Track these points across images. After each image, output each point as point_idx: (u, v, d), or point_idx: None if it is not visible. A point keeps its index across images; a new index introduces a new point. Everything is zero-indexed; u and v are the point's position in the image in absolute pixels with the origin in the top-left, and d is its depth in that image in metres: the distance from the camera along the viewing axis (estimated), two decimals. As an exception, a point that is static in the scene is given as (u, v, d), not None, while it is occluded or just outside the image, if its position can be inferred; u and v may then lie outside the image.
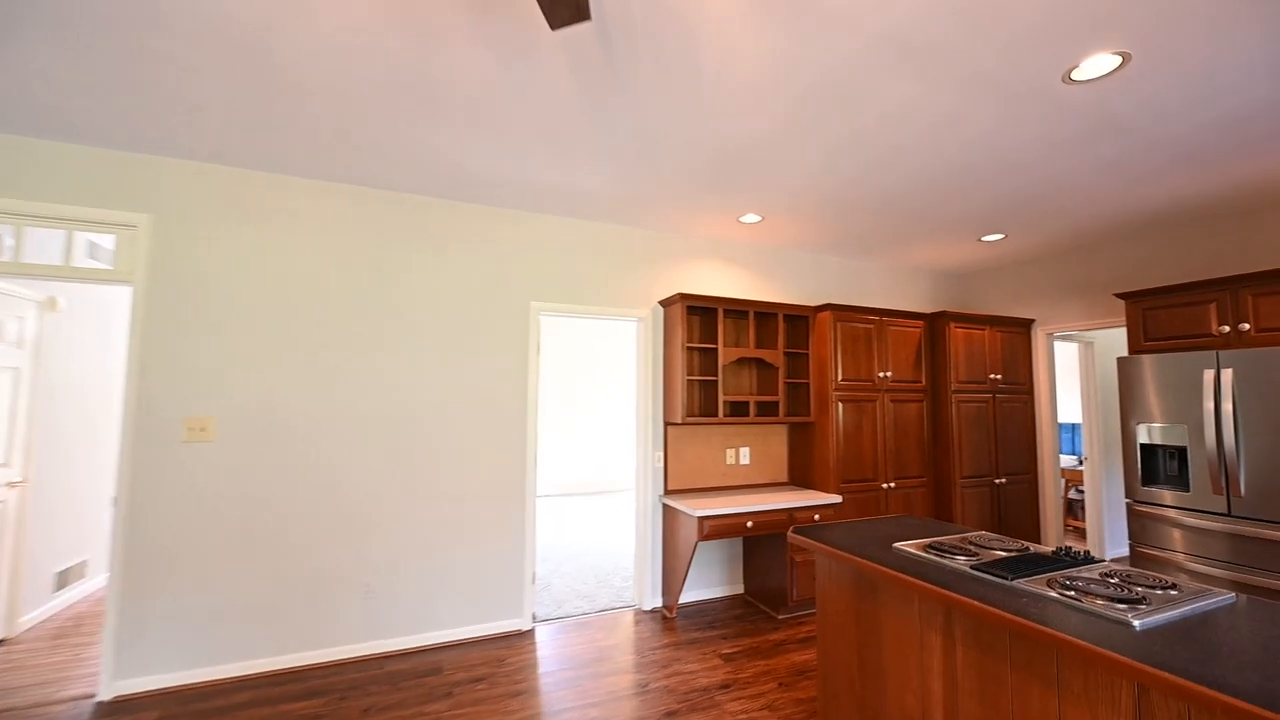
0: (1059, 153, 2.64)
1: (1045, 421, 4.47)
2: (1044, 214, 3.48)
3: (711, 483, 3.98)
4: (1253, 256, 3.35)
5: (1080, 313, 4.23)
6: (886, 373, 4.08)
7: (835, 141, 2.55)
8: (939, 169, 2.84)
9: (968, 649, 1.72)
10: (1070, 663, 1.46)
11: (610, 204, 3.43)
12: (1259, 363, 2.75)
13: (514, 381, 3.47)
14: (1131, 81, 2.05)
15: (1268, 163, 2.71)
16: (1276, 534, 2.68)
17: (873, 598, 2.07)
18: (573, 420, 8.39)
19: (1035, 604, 1.54)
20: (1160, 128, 2.39)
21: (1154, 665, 1.21)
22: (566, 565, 4.71)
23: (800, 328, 4.10)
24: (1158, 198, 3.18)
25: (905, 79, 2.05)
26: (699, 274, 4.09)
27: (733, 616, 3.60)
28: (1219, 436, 2.86)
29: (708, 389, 3.87)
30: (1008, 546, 2.05)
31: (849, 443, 3.92)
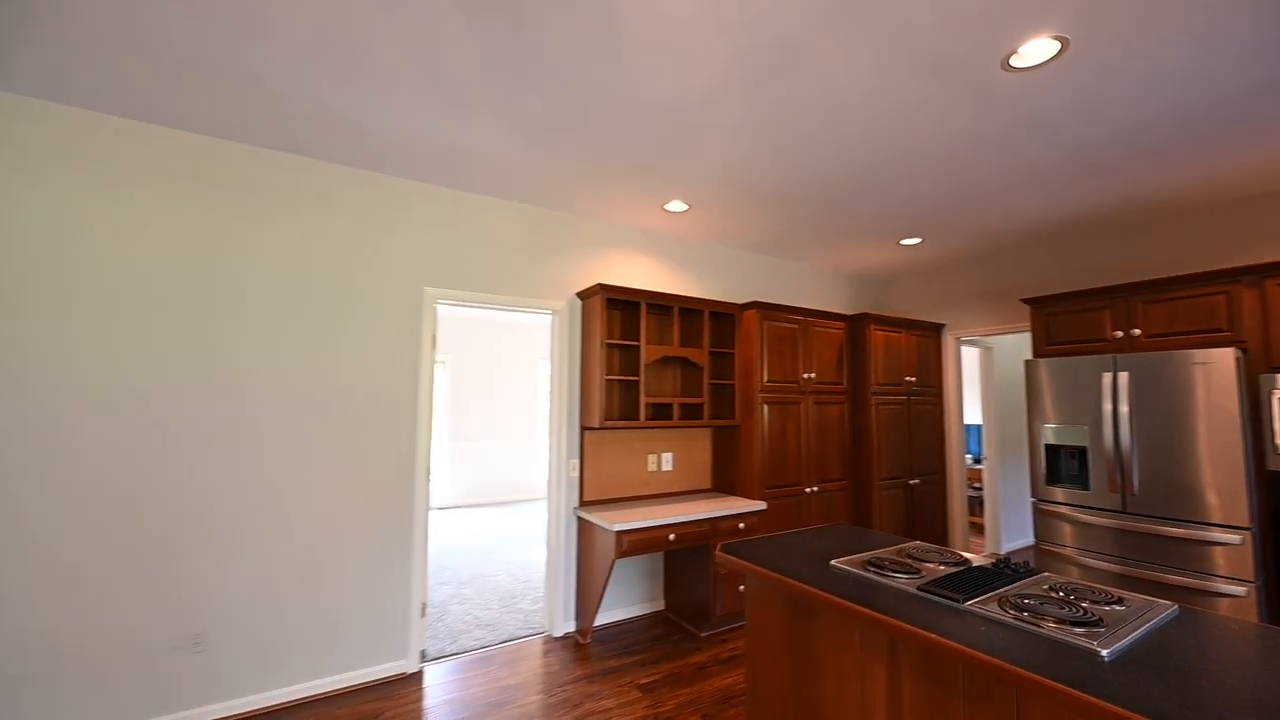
0: (985, 149, 2.60)
1: (953, 423, 4.61)
2: (960, 218, 3.52)
3: (632, 491, 3.67)
4: (1147, 265, 3.58)
5: (987, 318, 4.39)
6: (810, 374, 3.99)
7: (767, 116, 2.34)
8: (868, 159, 2.72)
9: (916, 681, 1.52)
10: (1033, 698, 1.28)
11: (523, 180, 3.03)
12: (1150, 366, 2.88)
13: (403, 379, 2.97)
14: (1067, 73, 1.99)
15: (1171, 172, 2.85)
16: (1166, 529, 2.80)
17: (808, 622, 1.84)
18: (481, 422, 7.79)
19: (995, 632, 1.35)
20: (1086, 128, 2.39)
21: (1147, 714, 1.03)
22: (468, 588, 4.20)
23: (726, 326, 3.91)
24: (1065, 206, 3.30)
25: (847, 49, 1.85)
26: (621, 265, 3.78)
27: (652, 638, 3.30)
28: (1115, 437, 2.98)
29: (628, 390, 3.57)
30: (946, 559, 1.90)
31: (774, 446, 3.77)
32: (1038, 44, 1.84)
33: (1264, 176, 2.87)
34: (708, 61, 1.95)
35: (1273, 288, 2.72)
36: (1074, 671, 1.18)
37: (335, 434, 2.76)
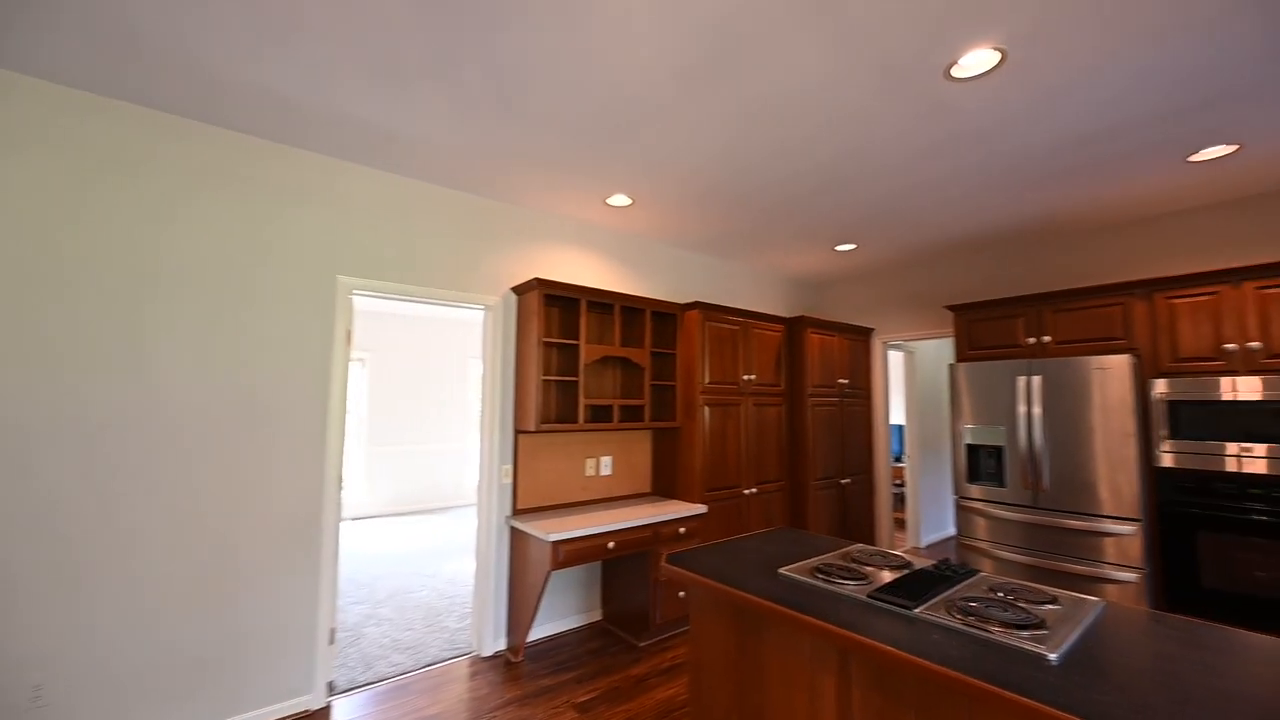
0: (922, 159, 2.67)
1: (880, 424, 4.80)
2: (893, 226, 3.64)
3: (569, 498, 3.50)
4: (1059, 277, 3.86)
5: (914, 323, 4.61)
6: (751, 376, 4.00)
7: (713, 113, 2.26)
8: (810, 162, 2.72)
9: (867, 691, 1.48)
10: (987, 707, 1.26)
11: (456, 164, 2.79)
12: (1059, 371, 3.09)
13: (313, 377, 2.64)
14: (1004, 87, 2.06)
15: (1083, 192, 3.06)
16: (1069, 523, 3.02)
17: (756, 632, 1.77)
18: (405, 425, 7.30)
19: (948, 641, 1.33)
20: (1016, 143, 2.51)
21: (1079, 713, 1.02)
22: (386, 607, 3.86)
23: (668, 326, 3.84)
24: (990, 219, 3.49)
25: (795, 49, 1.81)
26: (560, 260, 3.61)
27: (589, 651, 3.15)
28: (1029, 437, 3.18)
29: (566, 391, 3.40)
30: (890, 562, 1.90)
31: (715, 448, 3.73)
32: (978, 54, 1.88)
33: (1155, 200, 3.16)
34: (656, 53, 1.84)
35: (1160, 300, 3.00)
36: (1027, 679, 1.16)
37: (230, 439, 2.40)
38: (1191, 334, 2.89)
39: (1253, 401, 2.63)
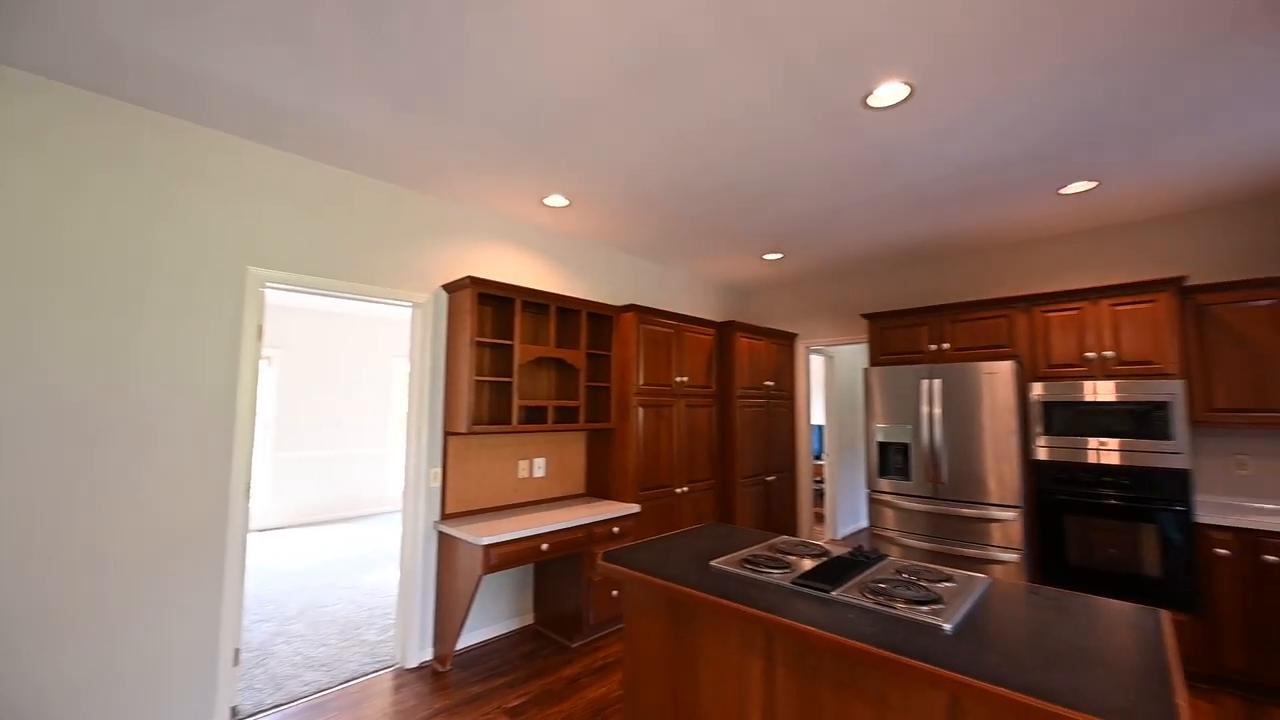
0: (845, 179, 2.88)
1: (802, 424, 5.09)
2: (817, 238, 3.89)
3: (501, 500, 3.44)
4: (958, 290, 4.27)
5: (834, 329, 4.93)
6: (683, 378, 4.12)
7: (652, 121, 2.33)
8: (742, 176, 2.86)
9: (789, 672, 1.58)
10: (892, 678, 1.39)
11: (385, 154, 2.67)
12: (956, 375, 3.44)
13: (218, 377, 2.44)
14: (914, 116, 2.27)
15: (978, 215, 3.42)
16: (965, 511, 3.36)
17: (690, 624, 1.84)
18: (319, 428, 6.84)
19: (861, 618, 1.46)
20: (922, 169, 2.76)
21: (974, 675, 1.17)
22: (297, 623, 3.60)
23: (603, 328, 3.87)
24: (902, 235, 3.80)
25: (736, 70, 1.91)
26: (494, 258, 3.54)
27: (521, 655, 3.11)
28: (931, 435, 3.50)
29: (500, 392, 3.34)
30: (811, 551, 2.04)
31: (648, 449, 3.81)
32: (891, 86, 2.06)
33: (1034, 225, 3.59)
34: (599, 58, 1.88)
35: (1037, 314, 3.41)
36: (925, 647, 1.30)
37: (118, 444, 2.16)
38: (1061, 344, 3.31)
39: (1108, 402, 3.06)
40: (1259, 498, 3.09)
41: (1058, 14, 1.69)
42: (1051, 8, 1.66)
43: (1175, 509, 2.83)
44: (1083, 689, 1.12)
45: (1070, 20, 1.71)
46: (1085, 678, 1.17)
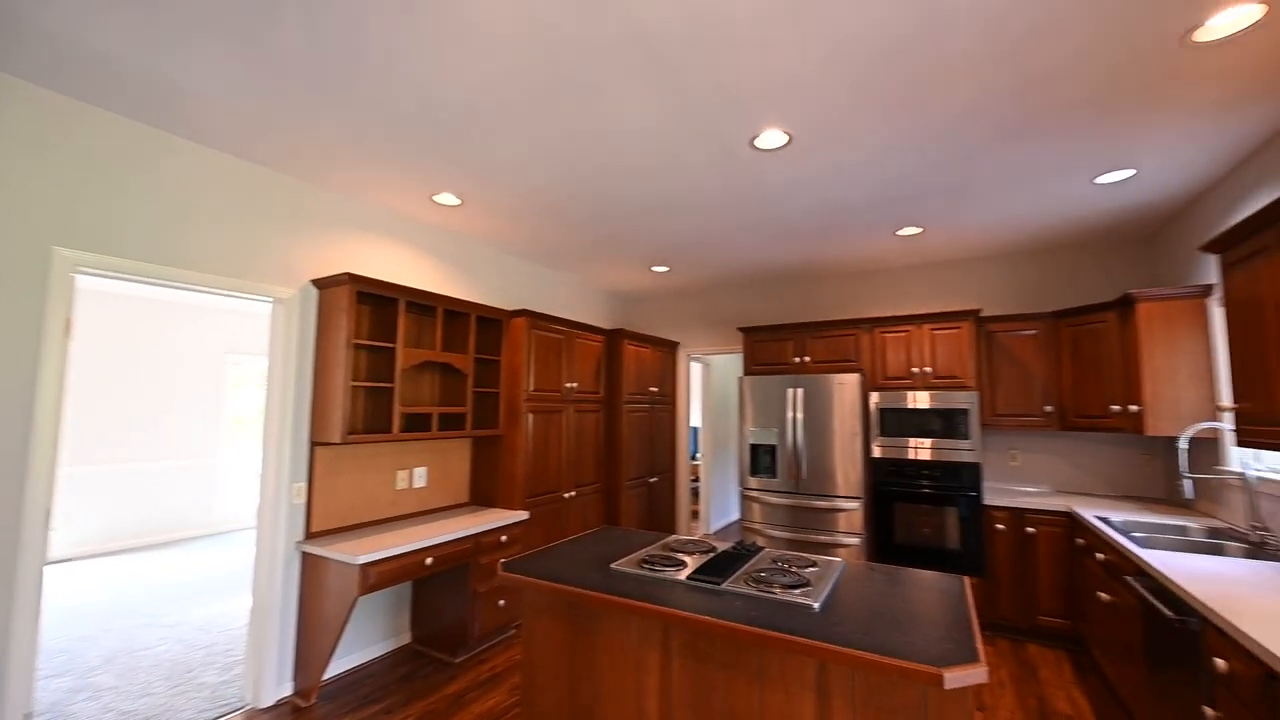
0: (729, 206, 3.17)
1: (682, 427, 5.41)
2: (701, 255, 4.19)
3: (377, 514, 3.21)
4: (819, 309, 4.84)
5: (712, 339, 5.32)
6: (573, 384, 4.17)
7: (552, 133, 2.38)
8: (635, 192, 3.02)
9: (684, 660, 1.74)
10: (772, 653, 1.60)
11: (249, 130, 2.37)
12: (814, 385, 3.93)
13: (11, 381, 1.99)
14: (792, 160, 2.59)
15: (835, 246, 3.93)
16: (819, 503, 3.85)
17: (589, 626, 1.92)
18: (128, 438, 5.73)
19: (747, 605, 1.65)
20: (794, 204, 3.13)
21: (835, 643, 1.40)
22: (104, 673, 3.00)
23: (493, 332, 3.79)
24: (774, 258, 4.24)
25: (637, 96, 2.04)
26: (376, 255, 3.30)
27: (400, 678, 2.93)
28: (794, 437, 3.96)
29: (379, 398, 3.13)
30: (700, 548, 2.23)
31: (538, 455, 3.80)
32: (773, 133, 2.34)
33: (878, 259, 4.23)
34: (505, 66, 1.89)
35: (877, 334, 4.03)
36: (799, 624, 1.53)
37: None
38: (894, 360, 3.96)
39: (924, 409, 3.72)
40: (1025, 483, 3.98)
41: (910, 97, 2.06)
42: (906, 92, 2.02)
43: (969, 494, 3.54)
44: (913, 644, 1.40)
45: (918, 104, 2.10)
46: (915, 635, 1.46)
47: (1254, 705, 1.41)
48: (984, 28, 1.69)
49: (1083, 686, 2.84)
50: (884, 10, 1.62)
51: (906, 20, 1.66)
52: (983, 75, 1.93)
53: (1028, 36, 1.73)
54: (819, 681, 1.52)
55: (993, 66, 1.88)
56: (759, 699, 1.60)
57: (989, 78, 1.95)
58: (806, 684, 1.53)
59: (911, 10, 1.62)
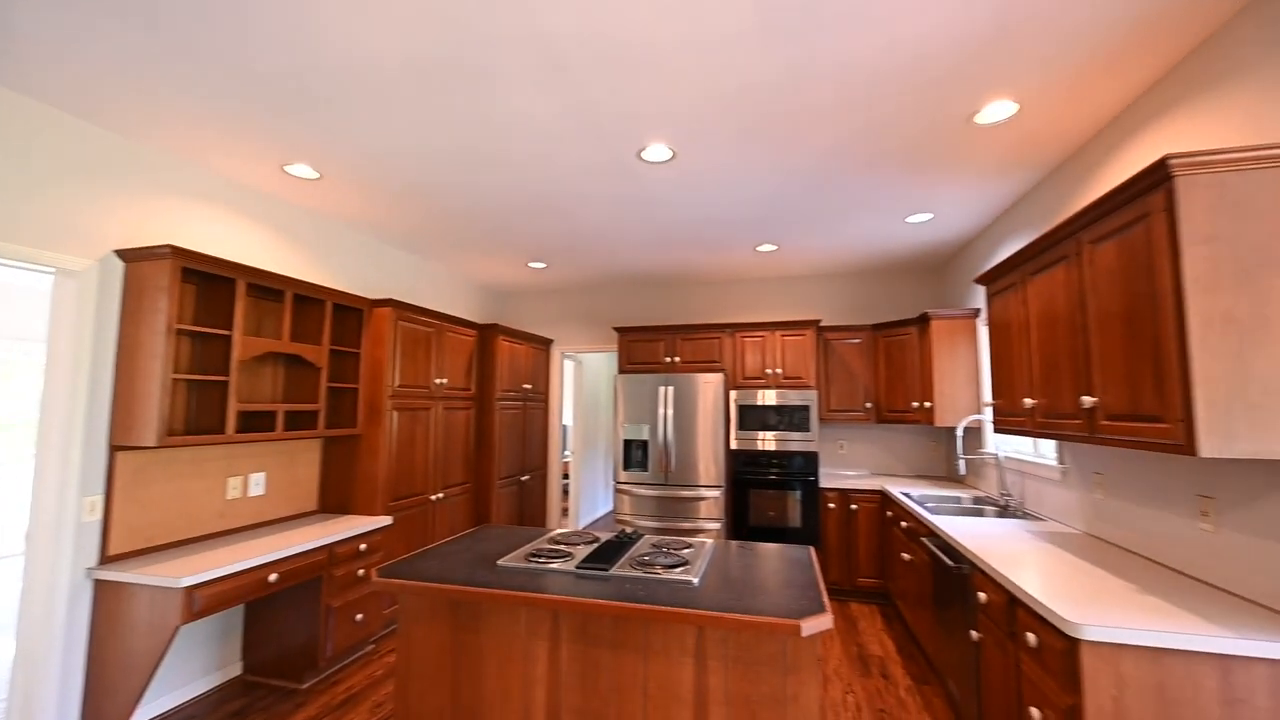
0: (616, 212, 3.28)
1: (555, 425, 5.42)
2: (581, 255, 4.26)
3: (202, 529, 2.75)
4: (688, 313, 5.16)
5: (587, 337, 5.40)
6: (443, 379, 3.97)
7: (436, 114, 2.29)
8: (518, 187, 3.00)
9: (573, 646, 1.80)
10: (655, 627, 1.74)
11: (46, 63, 1.90)
12: (684, 383, 4.23)
13: None
14: (675, 174, 2.77)
15: (705, 256, 4.24)
16: (685, 493, 4.15)
17: (474, 625, 1.89)
18: None
19: (635, 586, 1.77)
20: (673, 215, 3.34)
21: (711, 609, 1.58)
22: None
23: (352, 322, 3.46)
24: (651, 263, 4.45)
25: (535, 94, 2.05)
26: (210, 228, 2.83)
27: (231, 714, 2.56)
28: (665, 433, 4.22)
29: (209, 394, 2.69)
30: (585, 539, 2.31)
31: (402, 455, 3.55)
32: (658, 148, 2.51)
33: (741, 270, 4.67)
34: (390, 35, 1.78)
35: (738, 337, 4.46)
36: (681, 597, 1.68)
37: None
38: (752, 361, 4.41)
39: (771, 405, 4.21)
40: (850, 468, 4.69)
41: (775, 135, 2.35)
42: (772, 129, 2.30)
43: (808, 480, 4.09)
44: (776, 604, 1.63)
45: (781, 141, 2.40)
46: (777, 597, 1.70)
47: (1001, 623, 1.88)
48: (831, 87, 2.01)
49: (889, 632, 3.47)
50: (755, 59, 1.85)
51: (772, 70, 1.91)
52: (830, 125, 2.29)
53: (860, 101, 2.09)
54: (697, 647, 1.69)
55: (834, 120, 2.24)
56: (644, 672, 1.73)
57: (835, 128, 2.31)
58: (686, 651, 1.69)
59: (777, 63, 1.87)
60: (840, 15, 1.67)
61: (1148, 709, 1.37)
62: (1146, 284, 1.52)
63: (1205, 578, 1.73)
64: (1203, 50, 1.74)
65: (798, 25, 1.71)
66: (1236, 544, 1.62)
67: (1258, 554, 1.55)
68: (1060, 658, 1.50)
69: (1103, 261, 1.74)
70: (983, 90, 2.04)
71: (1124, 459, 2.17)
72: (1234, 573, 1.63)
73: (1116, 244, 1.67)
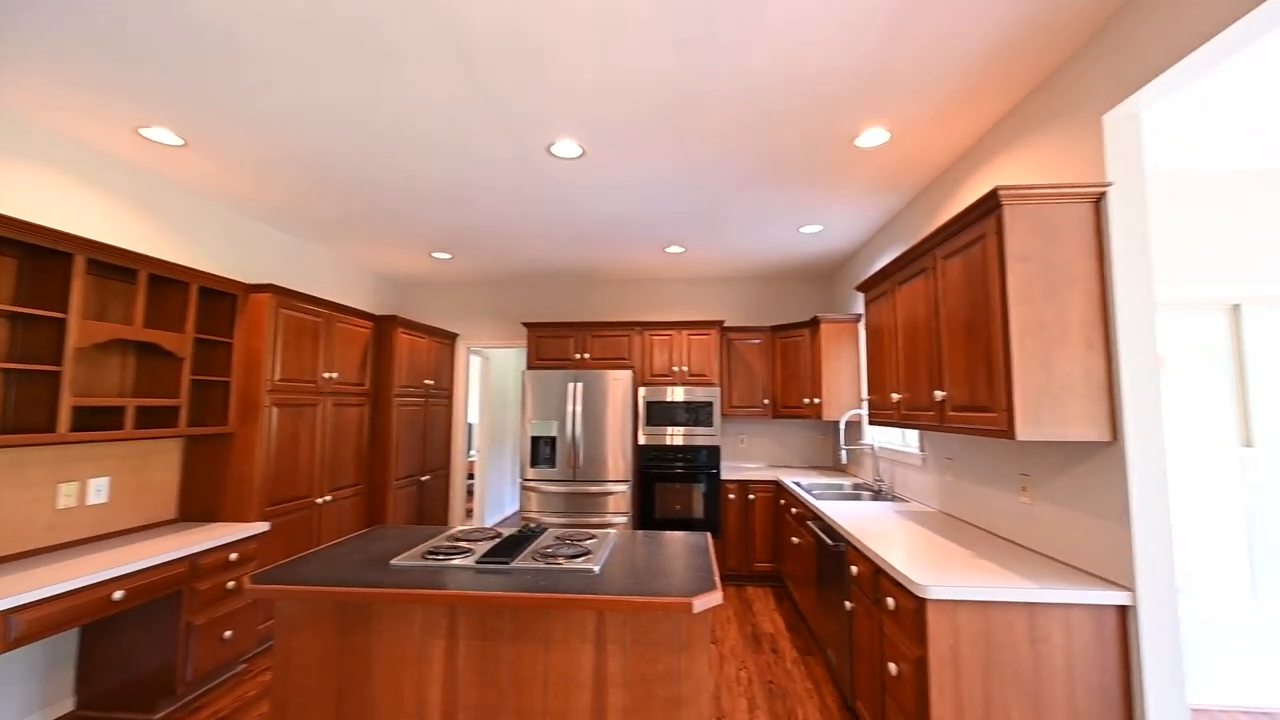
0: (524, 206, 3.23)
1: (459, 423, 5.23)
2: (488, 248, 4.14)
3: (23, 545, 2.35)
4: (599, 310, 5.18)
5: (494, 332, 5.26)
6: (332, 374, 3.69)
7: (329, 89, 2.15)
8: (420, 173, 2.88)
9: (471, 642, 1.77)
10: (556, 615, 1.76)
11: None
12: (593, 380, 4.26)
13: None
14: (585, 171, 2.79)
15: (616, 254, 4.29)
16: (593, 489, 4.18)
17: (363, 629, 1.80)
18: None
19: (537, 577, 1.77)
20: (585, 212, 3.35)
21: (609, 594, 1.64)
22: None
23: (223, 308, 3.11)
24: (561, 259, 4.41)
25: (442, 80, 1.98)
26: (45, 193, 2.42)
27: (60, 756, 2.21)
28: (573, 429, 4.22)
29: (33, 386, 2.30)
30: (487, 535, 2.26)
31: (283, 455, 3.26)
32: (567, 144, 2.52)
33: (651, 270, 4.78)
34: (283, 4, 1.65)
35: (647, 335, 4.57)
36: (583, 586, 1.71)
37: None
38: (659, 359, 4.54)
39: (677, 402, 4.37)
40: (749, 461, 4.98)
41: (682, 141, 2.44)
42: (679, 137, 2.40)
43: (711, 472, 4.29)
44: (671, 585, 1.71)
45: (687, 148, 2.51)
46: (675, 579, 1.78)
47: (869, 591, 2.11)
48: (731, 105, 2.15)
49: (780, 611, 3.74)
50: (664, 70, 1.93)
51: (679, 82, 2.00)
52: (730, 139, 2.43)
53: (758, 120, 2.25)
54: (598, 633, 1.73)
55: (735, 135, 2.40)
56: (545, 661, 1.74)
57: (735, 142, 2.46)
58: (587, 637, 1.73)
59: (683, 77, 1.96)
60: (743, 41, 1.79)
61: (977, 653, 1.61)
62: (983, 295, 1.79)
63: (1026, 543, 2.06)
64: (1032, 97, 2.07)
65: (702, 44, 1.81)
66: (1046, 513, 1.95)
67: (1058, 520, 1.88)
68: (911, 617, 1.73)
69: (952, 275, 2.01)
70: (863, 116, 2.28)
71: (968, 446, 2.51)
72: (1045, 537, 1.96)
73: (962, 260, 1.94)
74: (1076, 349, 1.62)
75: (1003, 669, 1.60)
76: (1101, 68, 1.67)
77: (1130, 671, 1.57)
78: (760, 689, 2.70)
